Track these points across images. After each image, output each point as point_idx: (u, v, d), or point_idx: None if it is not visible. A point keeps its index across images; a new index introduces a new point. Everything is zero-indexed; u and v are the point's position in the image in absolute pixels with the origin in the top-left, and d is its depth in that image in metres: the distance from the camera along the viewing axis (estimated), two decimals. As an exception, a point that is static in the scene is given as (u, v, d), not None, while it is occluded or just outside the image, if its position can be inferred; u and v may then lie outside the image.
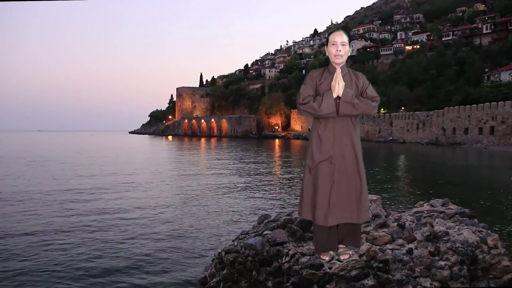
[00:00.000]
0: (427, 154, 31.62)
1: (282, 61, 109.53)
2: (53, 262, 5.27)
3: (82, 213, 8.42)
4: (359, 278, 3.14)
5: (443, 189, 12.10)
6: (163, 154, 32.95)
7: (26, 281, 4.64)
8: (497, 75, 51.23)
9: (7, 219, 7.85)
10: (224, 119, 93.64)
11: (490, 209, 8.84)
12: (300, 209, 3.18)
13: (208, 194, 11.22)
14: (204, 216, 8.27)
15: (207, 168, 19.89)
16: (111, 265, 5.15)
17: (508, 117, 39.75)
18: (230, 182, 14.04)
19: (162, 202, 9.87)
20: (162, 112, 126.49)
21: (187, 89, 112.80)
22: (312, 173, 3.10)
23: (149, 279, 4.68)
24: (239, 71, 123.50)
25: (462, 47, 64.33)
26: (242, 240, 3.71)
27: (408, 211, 4.11)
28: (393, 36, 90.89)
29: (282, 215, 4.01)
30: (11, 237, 6.51)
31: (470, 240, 3.31)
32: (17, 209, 8.87)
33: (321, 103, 3.00)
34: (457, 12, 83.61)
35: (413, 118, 53.56)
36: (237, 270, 3.50)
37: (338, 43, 3.06)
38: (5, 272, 4.91)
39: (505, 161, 24.85)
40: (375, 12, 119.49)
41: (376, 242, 3.40)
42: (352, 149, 3.07)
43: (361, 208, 3.08)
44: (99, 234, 6.68)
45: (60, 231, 6.87)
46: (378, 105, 3.14)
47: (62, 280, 4.65)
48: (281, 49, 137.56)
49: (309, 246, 3.42)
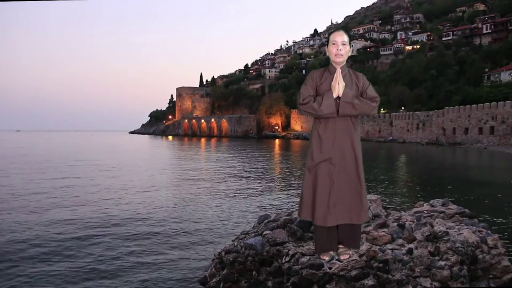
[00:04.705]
0: (427, 154, 31.61)
1: (282, 61, 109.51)
2: (53, 261, 5.26)
3: (81, 213, 8.42)
4: (359, 278, 3.13)
5: (443, 189, 12.10)
6: (163, 154, 32.94)
7: (26, 281, 4.64)
8: (497, 75, 51.22)
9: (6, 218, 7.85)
10: (224, 119, 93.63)
11: (490, 209, 8.84)
12: (300, 210, 3.18)
13: (208, 194, 11.22)
14: (204, 216, 8.27)
15: (207, 168, 19.89)
16: (111, 265, 5.15)
17: (508, 117, 39.75)
18: (230, 182, 14.04)
19: (161, 202, 9.87)
20: (162, 112, 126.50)
21: (187, 89, 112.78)
22: (312, 173, 3.10)
23: (149, 279, 4.68)
24: (239, 71, 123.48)
25: (462, 47, 64.32)
26: (242, 240, 3.71)
27: (408, 211, 4.11)
28: (393, 36, 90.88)
29: (282, 215, 4.00)
30: (11, 238, 6.51)
31: (470, 240, 3.31)
32: (18, 206, 8.87)
33: (321, 103, 2.99)
34: (457, 12, 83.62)
35: (413, 118, 53.57)
36: (237, 270, 3.50)
37: (339, 42, 3.06)
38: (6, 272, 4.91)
39: (505, 161, 24.84)
40: (375, 12, 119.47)
41: (376, 242, 3.40)
42: (352, 149, 3.07)
43: (361, 209, 3.08)
44: (99, 234, 6.68)
45: (58, 231, 6.87)
46: (378, 105, 3.15)
47: (61, 280, 4.65)
48: (281, 49, 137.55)
49: (309, 246, 3.42)
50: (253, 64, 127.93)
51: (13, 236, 6.56)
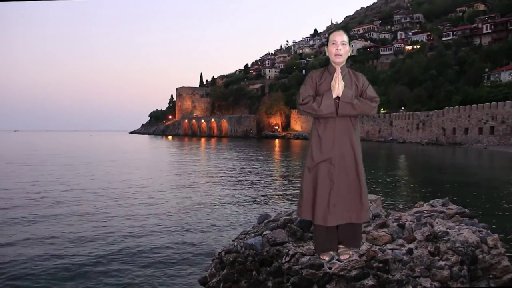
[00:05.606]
0: (427, 154, 31.62)
1: (282, 61, 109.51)
2: (52, 261, 5.26)
3: (80, 214, 8.42)
4: (359, 278, 3.13)
5: (443, 189, 12.10)
6: (163, 154, 32.94)
7: (25, 282, 4.64)
8: (497, 75, 51.22)
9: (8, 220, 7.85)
10: (224, 119, 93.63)
11: (490, 209, 8.84)
12: (300, 209, 3.18)
13: (208, 194, 11.22)
14: (204, 216, 8.27)
15: (206, 169, 19.89)
16: (111, 265, 5.15)
17: (508, 117, 39.74)
18: (230, 182, 14.04)
19: (161, 203, 9.87)
20: (162, 112, 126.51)
21: (187, 89, 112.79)
22: (312, 173, 3.09)
23: (149, 278, 4.68)
24: (239, 71, 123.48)
25: (462, 47, 64.34)
26: (242, 240, 3.71)
27: (408, 211, 4.11)
28: (393, 36, 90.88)
29: (282, 215, 4.00)
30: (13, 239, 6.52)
31: (470, 240, 3.30)
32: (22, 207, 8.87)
33: (321, 103, 2.99)
34: (457, 12, 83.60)
35: (413, 118, 53.57)
36: (237, 270, 3.50)
37: (338, 42, 3.06)
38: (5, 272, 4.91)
39: (505, 161, 24.84)
40: (375, 12, 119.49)
41: (376, 242, 3.39)
42: (351, 149, 3.07)
43: (361, 208, 3.08)
44: (98, 234, 6.68)
45: (57, 230, 6.87)
46: (377, 105, 3.15)
47: (60, 279, 4.65)
48: (281, 49, 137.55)
49: (309, 246, 3.41)
50: (253, 64, 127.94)
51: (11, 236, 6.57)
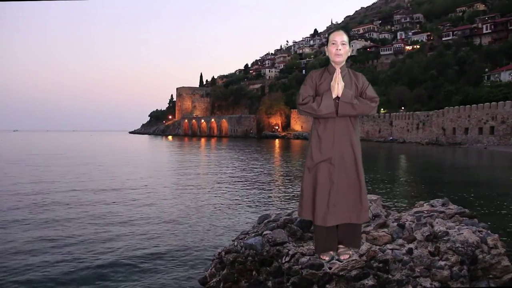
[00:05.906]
0: (427, 154, 31.61)
1: (282, 61, 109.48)
2: (50, 263, 5.26)
3: (79, 214, 8.42)
4: (359, 278, 3.13)
5: (443, 189, 12.09)
6: (163, 154, 32.94)
7: (25, 281, 4.64)
8: (497, 75, 51.21)
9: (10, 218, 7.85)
10: (224, 119, 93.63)
11: (490, 209, 8.84)
12: (300, 209, 3.18)
13: (208, 194, 11.22)
14: (204, 216, 8.26)
15: (206, 168, 19.89)
16: (111, 265, 5.14)
17: (508, 117, 39.73)
18: (230, 182, 14.04)
19: (161, 202, 9.87)
20: (162, 112, 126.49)
21: (187, 89, 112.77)
22: (312, 173, 3.10)
23: (149, 279, 4.68)
24: (239, 71, 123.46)
25: (462, 47, 64.29)
26: (242, 240, 3.71)
27: (408, 211, 4.11)
28: (393, 36, 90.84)
29: (282, 215, 4.00)
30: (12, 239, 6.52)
31: (470, 240, 3.31)
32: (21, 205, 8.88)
33: (321, 104, 3.00)
34: (457, 12, 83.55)
35: (413, 118, 53.55)
36: (237, 270, 3.50)
37: (338, 42, 3.06)
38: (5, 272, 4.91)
39: (505, 161, 24.84)
40: (375, 12, 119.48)
41: (376, 242, 3.40)
42: (351, 149, 3.07)
43: (361, 209, 3.08)
44: (98, 234, 6.68)
45: (55, 231, 6.87)
46: (377, 105, 3.15)
47: (59, 281, 4.65)
48: (281, 49, 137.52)
49: (309, 246, 3.41)
50: (253, 64, 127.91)
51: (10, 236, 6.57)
